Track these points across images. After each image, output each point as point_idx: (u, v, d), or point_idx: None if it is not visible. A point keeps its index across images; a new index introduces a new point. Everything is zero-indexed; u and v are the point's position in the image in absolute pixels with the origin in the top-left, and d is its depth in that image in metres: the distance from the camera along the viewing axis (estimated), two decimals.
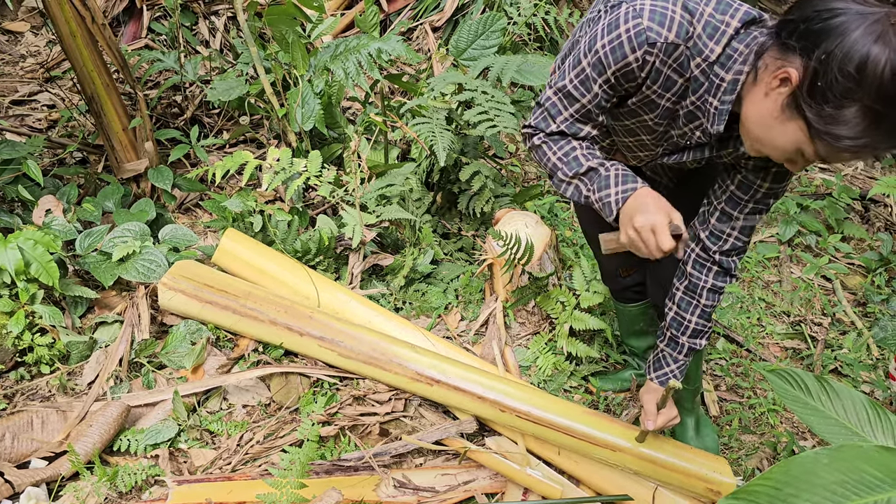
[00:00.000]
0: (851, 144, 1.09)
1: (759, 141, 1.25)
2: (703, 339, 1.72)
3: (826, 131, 1.10)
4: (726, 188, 1.55)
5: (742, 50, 1.24)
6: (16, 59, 3.64)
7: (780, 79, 1.14)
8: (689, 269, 1.66)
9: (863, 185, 3.68)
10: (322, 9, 2.59)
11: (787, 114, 1.15)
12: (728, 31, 1.25)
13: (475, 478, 1.96)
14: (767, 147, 1.24)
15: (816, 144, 1.14)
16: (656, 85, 1.34)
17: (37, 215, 2.38)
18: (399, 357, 2.05)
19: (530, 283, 2.39)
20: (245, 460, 1.93)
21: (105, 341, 2.20)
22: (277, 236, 2.46)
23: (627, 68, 1.30)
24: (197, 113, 3.27)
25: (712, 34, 1.26)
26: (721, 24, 1.25)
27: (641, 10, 1.26)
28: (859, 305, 2.96)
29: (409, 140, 3.01)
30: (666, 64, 1.30)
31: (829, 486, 1.08)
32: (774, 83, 1.16)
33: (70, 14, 2.35)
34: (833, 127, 1.09)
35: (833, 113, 1.08)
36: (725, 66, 1.26)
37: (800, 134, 1.15)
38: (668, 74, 1.32)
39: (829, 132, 1.10)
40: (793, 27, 1.12)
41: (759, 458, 2.17)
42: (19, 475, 1.74)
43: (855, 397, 1.48)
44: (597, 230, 1.60)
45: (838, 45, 1.04)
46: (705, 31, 1.26)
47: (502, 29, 2.63)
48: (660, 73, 1.31)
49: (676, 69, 1.30)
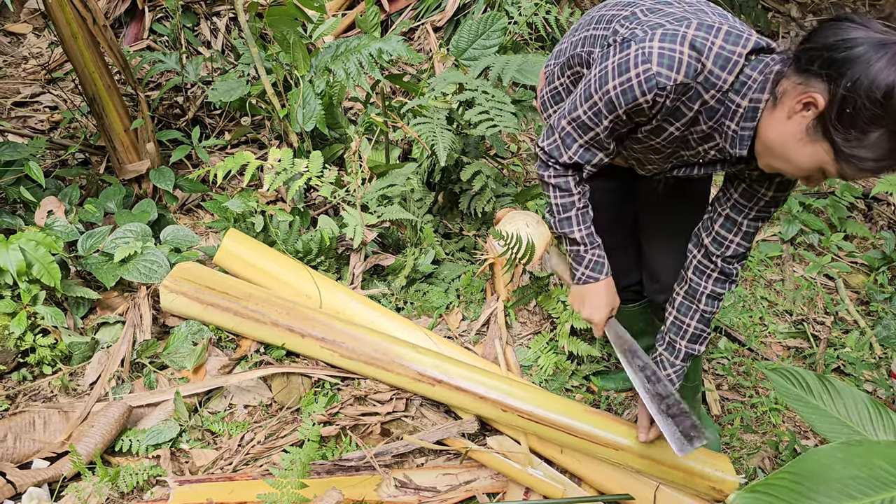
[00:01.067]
0: (875, 165, 1.16)
1: (777, 160, 1.30)
2: (702, 345, 1.73)
3: (852, 154, 1.16)
4: (730, 196, 1.57)
5: (756, 77, 1.29)
6: (18, 61, 3.65)
7: (804, 103, 1.19)
8: (690, 275, 1.67)
9: (865, 184, 3.67)
10: (323, 9, 2.59)
11: (811, 136, 1.20)
12: (740, 62, 1.29)
13: (476, 477, 1.96)
14: (786, 166, 1.29)
15: (841, 165, 1.19)
16: (666, 116, 1.38)
17: (39, 216, 2.38)
18: (401, 357, 2.05)
19: (531, 282, 2.39)
20: (246, 460, 1.93)
21: (107, 342, 2.20)
22: (279, 237, 2.46)
23: (638, 108, 1.36)
24: (198, 114, 3.27)
25: (724, 66, 1.29)
26: (732, 56, 1.29)
27: (650, 55, 1.29)
28: (862, 304, 2.96)
29: (410, 140, 3.01)
30: (676, 101, 1.34)
31: (844, 480, 1.11)
32: (798, 107, 1.20)
33: (71, 15, 2.35)
34: (858, 150, 1.15)
35: (859, 136, 1.14)
36: (740, 92, 1.30)
37: (824, 155, 1.20)
38: (678, 107, 1.36)
39: (855, 154, 1.16)
40: (814, 55, 1.17)
41: (761, 458, 2.17)
42: (21, 475, 1.75)
43: (857, 396, 1.48)
44: (606, 237, 1.68)
45: (863, 75, 1.10)
46: (716, 64, 1.29)
47: (503, 28, 2.63)
48: (670, 109, 1.36)
49: (685, 102, 1.35)
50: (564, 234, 1.63)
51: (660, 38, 1.30)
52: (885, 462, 1.12)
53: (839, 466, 1.12)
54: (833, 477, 1.11)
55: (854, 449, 1.14)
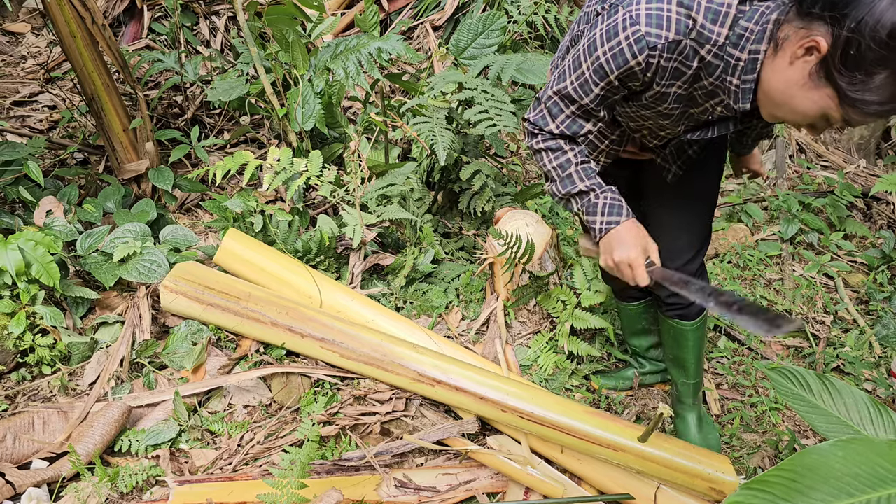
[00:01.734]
0: (879, 109, 1.13)
1: (780, 109, 1.27)
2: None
3: (857, 98, 1.13)
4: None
5: (752, 28, 1.25)
6: (17, 60, 3.64)
7: (807, 48, 1.16)
8: None
9: (865, 183, 3.67)
10: (322, 8, 2.59)
11: (814, 81, 1.18)
12: (731, 13, 1.26)
13: (476, 477, 1.96)
14: (790, 114, 1.27)
15: (846, 110, 1.17)
16: (665, 79, 1.36)
17: (38, 216, 2.38)
18: (401, 358, 2.05)
19: (531, 282, 2.38)
20: (246, 460, 1.93)
21: (106, 342, 2.20)
22: (278, 236, 2.46)
23: (630, 72, 1.33)
24: (197, 113, 3.27)
25: (715, 19, 1.27)
26: (722, 7, 1.26)
27: (638, 16, 1.28)
28: (861, 303, 2.96)
29: (409, 139, 3.01)
30: (671, 60, 1.31)
31: (843, 478, 1.10)
32: (800, 52, 1.17)
33: (70, 15, 2.35)
34: (863, 93, 1.12)
35: (864, 79, 1.11)
36: (738, 45, 1.27)
37: (828, 100, 1.18)
38: (676, 67, 1.33)
39: (860, 98, 1.13)
40: None
41: (761, 457, 2.16)
42: (20, 476, 1.74)
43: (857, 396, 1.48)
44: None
45: (868, 14, 1.07)
46: (707, 17, 1.27)
47: (502, 27, 2.63)
48: (666, 69, 1.33)
49: (682, 61, 1.32)
50: (570, 194, 1.54)
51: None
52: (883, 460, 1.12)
53: (837, 464, 1.12)
54: (830, 474, 1.11)
55: (852, 447, 1.14)
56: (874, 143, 4.00)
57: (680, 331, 1.97)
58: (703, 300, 1.50)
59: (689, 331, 1.96)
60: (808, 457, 1.12)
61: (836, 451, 1.13)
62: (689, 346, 1.99)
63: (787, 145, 3.95)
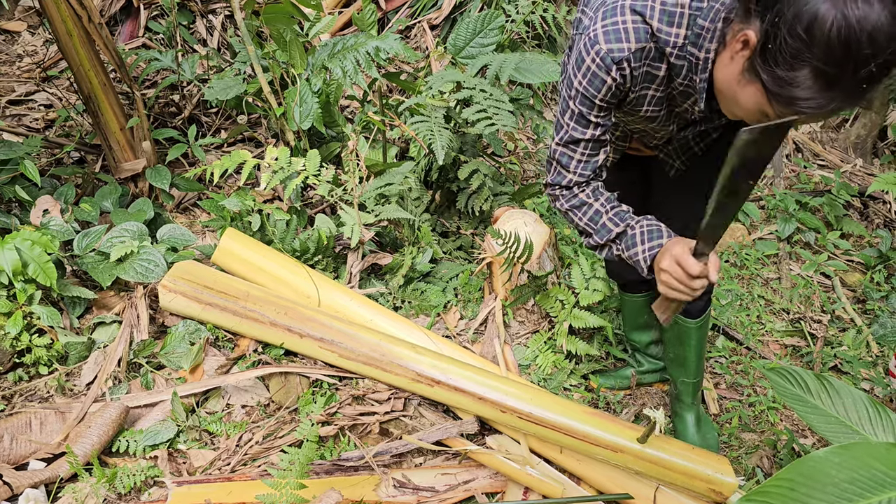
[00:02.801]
0: (806, 106, 1.08)
1: (730, 104, 1.27)
2: None
3: (780, 94, 1.10)
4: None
5: (708, 27, 1.25)
6: (12, 59, 3.63)
7: (742, 42, 1.14)
8: None
9: (862, 182, 3.68)
10: (320, 7, 2.58)
11: (746, 77, 1.16)
12: (686, 12, 1.27)
13: (475, 477, 1.96)
14: (738, 110, 1.25)
15: (774, 106, 1.13)
16: (638, 84, 1.38)
17: (34, 215, 2.37)
18: (399, 358, 2.04)
19: (529, 281, 2.38)
20: (244, 461, 1.92)
21: (103, 342, 2.19)
22: (276, 236, 2.45)
23: (610, 90, 1.36)
24: (195, 112, 3.26)
25: (671, 21, 1.28)
26: (676, 8, 1.27)
27: (596, 37, 1.31)
28: (858, 302, 2.96)
29: (407, 139, 3.01)
30: (641, 66, 1.34)
31: (841, 484, 1.10)
32: (738, 46, 1.16)
33: (66, 13, 2.34)
34: (787, 89, 1.08)
35: (785, 76, 1.07)
36: (697, 44, 1.28)
37: (759, 96, 1.15)
38: (646, 71, 1.36)
39: (784, 94, 1.09)
40: None
41: (759, 457, 2.17)
42: (18, 477, 1.74)
43: (855, 395, 1.49)
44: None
45: (790, 6, 1.03)
46: (662, 21, 1.28)
47: (500, 27, 2.62)
48: (637, 76, 1.36)
49: (651, 64, 1.34)
50: (610, 241, 1.54)
51: (602, 17, 1.31)
52: (880, 464, 1.12)
53: (835, 470, 1.12)
54: (829, 481, 1.11)
55: (850, 451, 1.14)
56: (871, 142, 4.00)
57: (683, 328, 1.97)
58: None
59: (692, 329, 1.96)
60: (805, 464, 1.12)
61: (832, 458, 1.12)
62: (690, 345, 1.99)
63: (785, 144, 3.96)
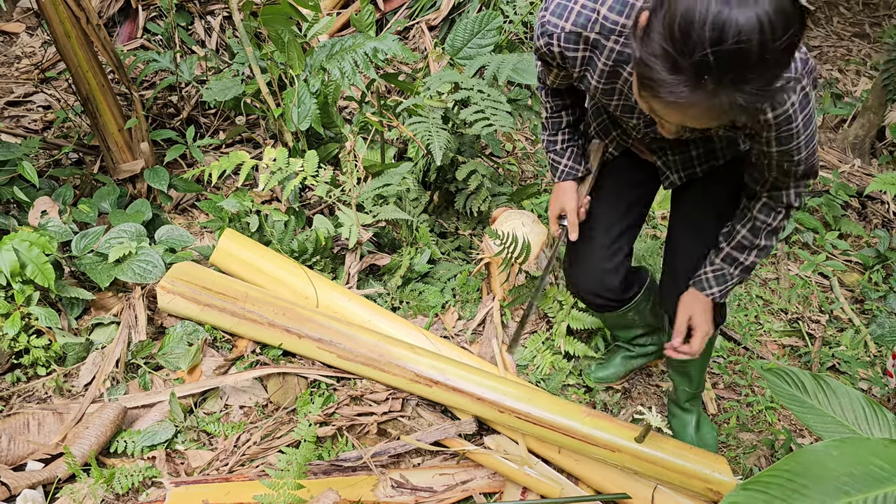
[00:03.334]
0: (662, 91, 1.03)
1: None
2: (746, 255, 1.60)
3: (641, 74, 1.06)
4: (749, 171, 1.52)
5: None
6: (11, 60, 3.63)
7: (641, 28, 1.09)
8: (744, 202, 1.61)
9: (860, 182, 3.69)
10: (318, 8, 2.58)
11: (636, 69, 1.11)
12: (637, 4, 1.27)
13: (473, 477, 1.96)
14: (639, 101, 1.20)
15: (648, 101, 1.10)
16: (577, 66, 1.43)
17: (32, 217, 2.37)
18: (398, 358, 2.05)
19: (527, 281, 2.38)
20: (242, 461, 1.92)
21: (101, 343, 2.19)
22: (274, 236, 2.46)
23: (539, 51, 1.46)
24: (193, 113, 3.26)
25: (621, 10, 1.30)
26: (630, 0, 1.28)
27: (549, 5, 1.37)
28: (857, 302, 2.97)
29: (405, 139, 3.01)
30: (576, 50, 1.38)
31: (839, 477, 1.10)
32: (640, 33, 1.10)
33: (65, 15, 2.34)
34: (645, 70, 1.03)
35: (644, 55, 1.03)
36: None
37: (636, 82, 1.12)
38: (584, 56, 1.39)
39: (643, 75, 1.04)
40: None
41: (757, 456, 2.17)
42: (15, 477, 1.74)
43: (852, 395, 1.49)
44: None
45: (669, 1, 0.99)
46: (612, 10, 1.30)
47: (498, 27, 2.62)
48: (575, 58, 1.40)
49: (590, 50, 1.37)
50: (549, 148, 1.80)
51: None
52: (879, 459, 1.13)
53: (834, 463, 1.12)
54: (828, 474, 1.11)
55: (849, 446, 1.14)
56: (869, 142, 4.01)
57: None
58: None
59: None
60: (803, 456, 1.12)
61: (830, 451, 1.13)
62: (695, 363, 1.97)
63: None
